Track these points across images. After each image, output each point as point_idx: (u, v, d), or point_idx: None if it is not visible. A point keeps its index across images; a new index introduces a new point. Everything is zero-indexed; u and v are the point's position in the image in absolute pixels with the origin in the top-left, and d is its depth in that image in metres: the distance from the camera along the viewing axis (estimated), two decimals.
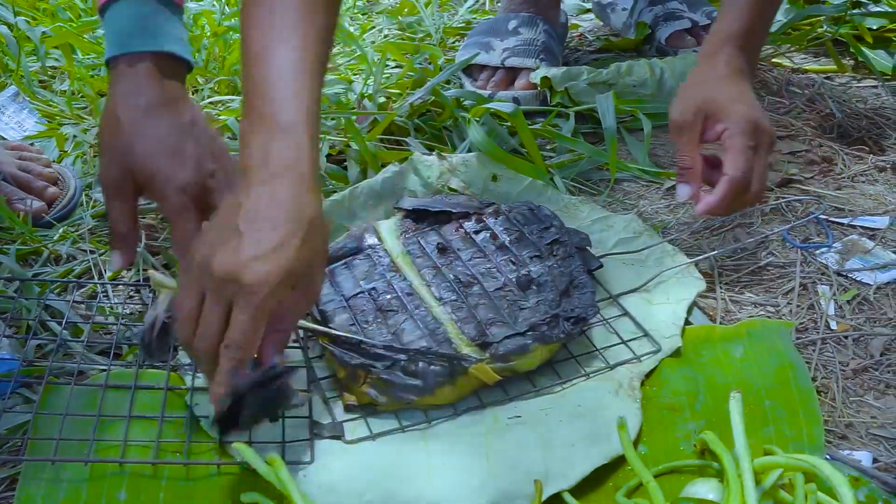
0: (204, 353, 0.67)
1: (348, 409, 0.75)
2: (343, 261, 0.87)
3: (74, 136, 1.20)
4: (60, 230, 1.01)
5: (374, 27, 1.59)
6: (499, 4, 1.56)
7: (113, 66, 0.80)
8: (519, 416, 0.75)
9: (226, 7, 1.47)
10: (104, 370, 0.80)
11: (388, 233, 0.90)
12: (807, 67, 1.40)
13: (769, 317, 0.88)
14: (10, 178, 1.05)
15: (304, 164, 0.67)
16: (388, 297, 0.82)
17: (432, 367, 0.75)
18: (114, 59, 0.80)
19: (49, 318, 0.87)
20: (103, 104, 0.77)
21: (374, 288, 0.83)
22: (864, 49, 1.36)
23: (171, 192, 0.77)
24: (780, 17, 1.43)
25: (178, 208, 0.77)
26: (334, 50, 1.49)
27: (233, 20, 1.42)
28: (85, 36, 1.42)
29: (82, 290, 0.92)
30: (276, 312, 0.67)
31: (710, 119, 0.91)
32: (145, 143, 0.77)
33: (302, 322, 0.79)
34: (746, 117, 0.89)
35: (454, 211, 0.91)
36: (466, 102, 1.21)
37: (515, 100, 1.24)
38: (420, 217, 0.91)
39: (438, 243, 0.87)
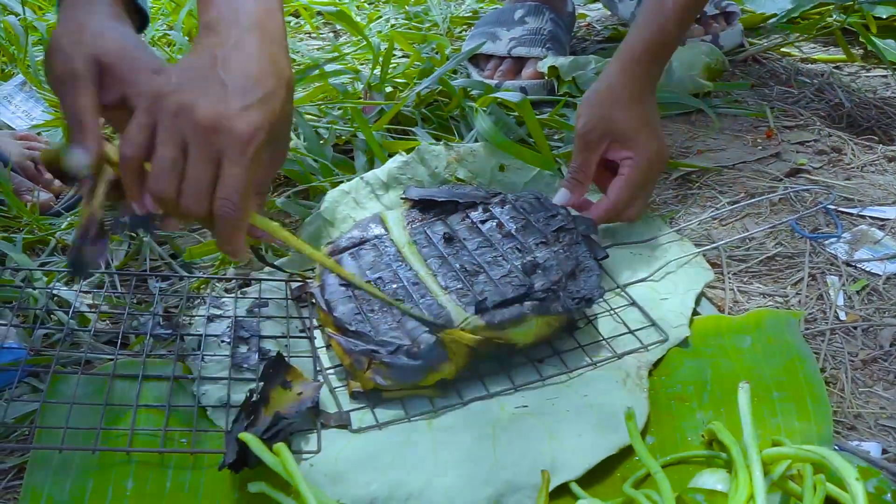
0: (195, 212, 0.64)
1: (354, 396, 0.75)
2: (349, 250, 0.87)
3: None
4: (68, 219, 1.01)
5: (380, 17, 1.58)
6: None
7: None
8: (526, 406, 0.75)
9: None
10: (111, 359, 0.80)
11: (394, 223, 0.90)
12: (816, 57, 1.39)
13: (778, 307, 0.88)
14: (18, 168, 1.05)
15: (275, 23, 0.67)
16: (394, 286, 0.82)
17: (429, 340, 0.75)
18: None
19: (56, 308, 0.87)
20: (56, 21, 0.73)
21: (380, 277, 0.83)
22: (873, 38, 1.35)
23: (146, 78, 0.70)
24: (789, 5, 1.42)
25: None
26: (341, 39, 1.49)
27: None
28: None
29: (89, 279, 0.91)
30: (258, 171, 0.65)
31: (615, 143, 0.92)
32: (116, 34, 0.72)
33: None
34: (649, 153, 0.92)
35: (460, 201, 0.91)
36: (474, 92, 1.21)
37: (522, 89, 1.24)
38: (426, 207, 0.91)
39: (445, 233, 0.87)
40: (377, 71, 1.25)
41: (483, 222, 0.88)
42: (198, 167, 0.64)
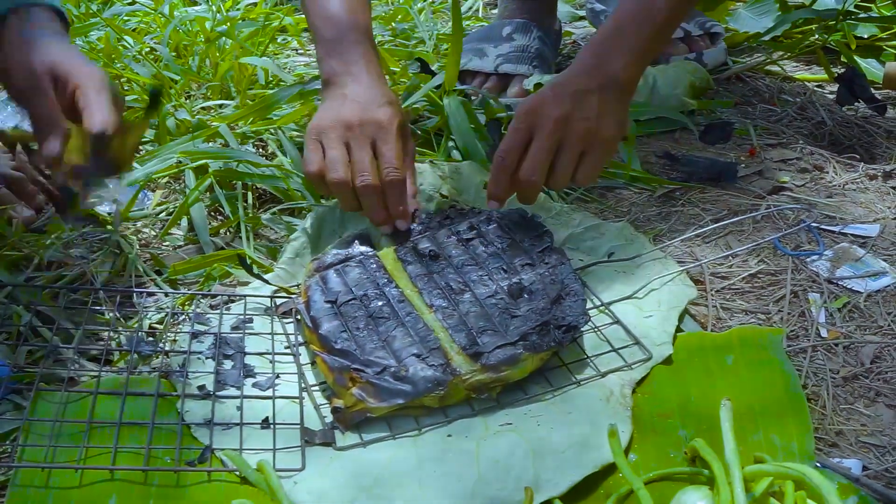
0: (371, 186, 0.88)
1: (336, 412, 0.75)
2: (335, 266, 0.87)
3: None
4: (53, 236, 1.00)
5: None
6: (493, 11, 1.57)
7: (4, 20, 0.87)
8: (510, 424, 0.75)
9: (218, 14, 1.47)
10: (95, 376, 0.79)
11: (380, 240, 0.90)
12: (798, 75, 1.41)
13: (760, 324, 0.88)
14: (2, 179, 1.05)
15: (377, 72, 0.95)
16: (380, 303, 0.82)
17: (422, 373, 0.75)
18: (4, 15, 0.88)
19: (40, 325, 0.87)
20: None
21: (365, 294, 0.83)
22: (855, 57, 1.36)
23: (98, 81, 0.85)
24: (772, 24, 1.44)
25: (97, 91, 0.85)
26: None
27: (224, 26, 1.42)
28: (76, 41, 1.42)
29: (73, 295, 0.91)
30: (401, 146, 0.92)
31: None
32: (62, 45, 0.88)
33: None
34: (550, 114, 0.88)
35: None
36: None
37: (508, 108, 1.24)
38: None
39: (430, 250, 0.87)
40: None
41: (469, 240, 0.89)
42: (360, 152, 0.89)
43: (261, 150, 1.15)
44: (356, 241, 0.90)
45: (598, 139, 0.89)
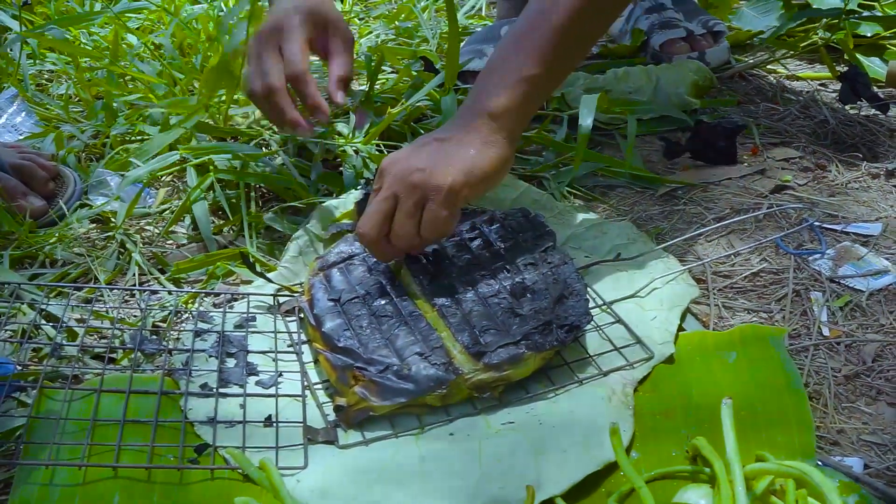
0: (252, 95, 0.96)
1: (339, 410, 0.76)
2: (338, 265, 0.87)
3: (73, 137, 1.20)
4: (57, 234, 1.01)
5: (371, 32, 1.59)
6: (494, 12, 1.57)
7: None
8: (512, 422, 0.75)
9: (221, 12, 1.47)
10: (99, 374, 0.80)
11: None
12: (801, 74, 1.41)
13: (762, 323, 0.88)
14: (10, 169, 1.05)
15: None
16: (383, 302, 0.82)
17: (424, 371, 0.75)
18: None
19: (44, 322, 0.87)
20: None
21: (368, 293, 0.83)
22: (858, 55, 1.36)
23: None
24: (775, 23, 1.43)
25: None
26: None
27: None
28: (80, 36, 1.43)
29: (77, 293, 0.92)
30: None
31: None
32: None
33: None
34: (389, 170, 0.83)
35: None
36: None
37: None
38: None
39: (434, 249, 0.88)
40: (364, 84, 1.26)
41: (472, 240, 0.89)
42: (262, 59, 0.96)
43: (264, 149, 1.15)
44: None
45: (429, 189, 0.81)
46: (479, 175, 0.83)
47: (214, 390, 0.78)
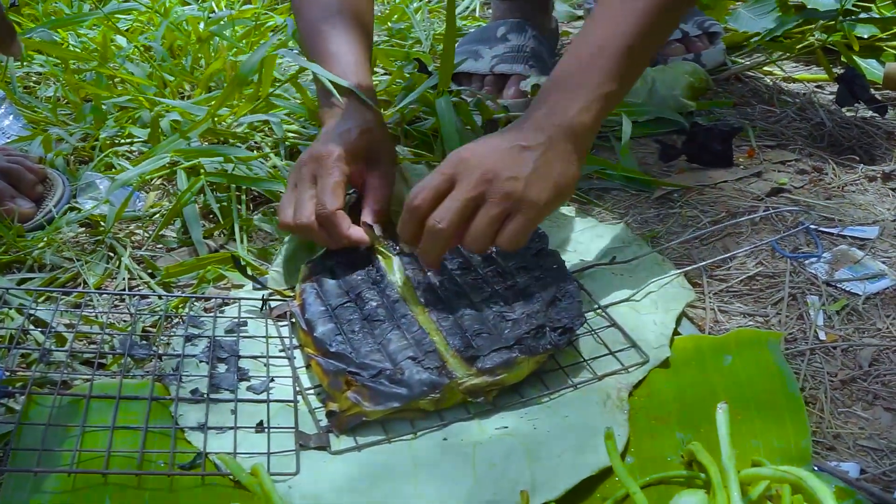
0: (301, 227, 0.88)
1: (331, 415, 0.75)
2: (329, 269, 0.87)
3: (62, 140, 1.19)
4: (45, 238, 1.00)
5: None
6: (490, 11, 1.56)
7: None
8: (506, 427, 0.75)
9: (210, 14, 1.47)
10: (88, 380, 0.79)
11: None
12: (798, 76, 1.40)
13: (758, 327, 0.88)
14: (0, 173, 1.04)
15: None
16: (374, 305, 0.82)
17: (417, 375, 0.75)
18: None
19: (32, 328, 0.86)
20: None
21: (360, 296, 0.83)
22: (854, 58, 1.36)
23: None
24: (772, 24, 1.43)
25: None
26: None
27: (217, 25, 1.42)
28: (69, 38, 1.42)
29: (66, 298, 0.91)
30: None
31: None
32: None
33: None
34: (478, 165, 0.80)
35: None
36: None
37: (506, 108, 1.24)
38: None
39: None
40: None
41: None
42: (299, 191, 0.90)
43: (255, 152, 1.14)
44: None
45: (523, 203, 0.78)
46: (564, 194, 0.82)
47: (205, 396, 0.77)
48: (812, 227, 1.01)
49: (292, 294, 0.89)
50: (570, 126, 0.81)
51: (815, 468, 0.71)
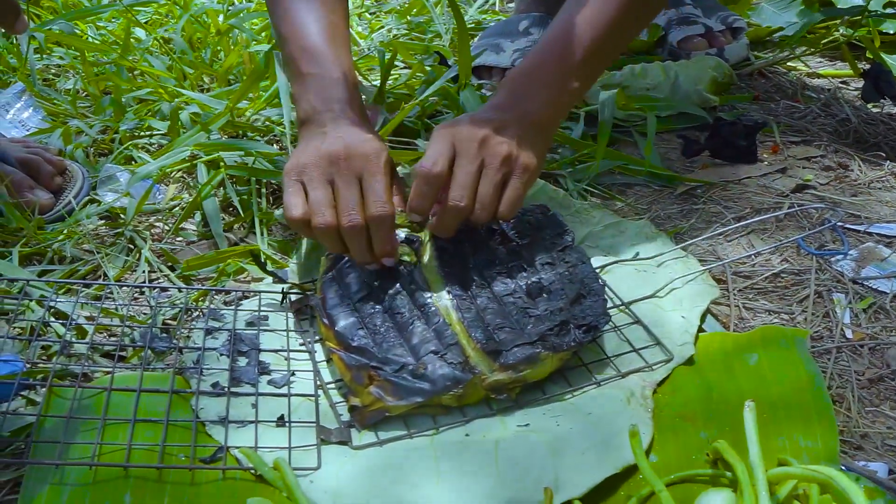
0: (355, 228, 0.81)
1: (354, 410, 0.74)
2: (350, 262, 0.86)
3: (81, 132, 1.19)
4: (65, 230, 1.00)
5: (382, 27, 1.58)
6: (511, 5, 1.55)
7: None
8: (528, 424, 0.74)
9: (229, 7, 1.46)
10: (109, 372, 0.79)
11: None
12: (822, 72, 1.39)
13: (783, 324, 0.87)
14: (17, 164, 1.04)
15: (360, 110, 0.88)
16: (396, 296, 0.81)
17: (441, 370, 0.74)
18: None
19: (53, 320, 0.86)
20: None
21: (381, 289, 0.82)
22: (881, 53, 1.34)
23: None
24: (795, 19, 1.41)
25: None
26: None
27: (236, 17, 1.41)
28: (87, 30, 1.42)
29: (87, 290, 0.91)
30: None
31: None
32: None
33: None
34: (471, 136, 0.81)
35: None
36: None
37: None
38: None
39: (449, 246, 0.86)
40: (377, 80, 1.24)
41: (490, 235, 0.87)
42: (347, 188, 0.81)
43: (275, 145, 1.14)
44: None
45: (519, 164, 0.81)
46: (538, 171, 0.85)
47: (226, 389, 0.77)
48: (838, 224, 0.99)
49: (313, 288, 0.88)
50: (536, 119, 0.85)
51: (843, 468, 0.70)
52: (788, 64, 1.40)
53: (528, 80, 0.86)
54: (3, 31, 0.82)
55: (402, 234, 0.86)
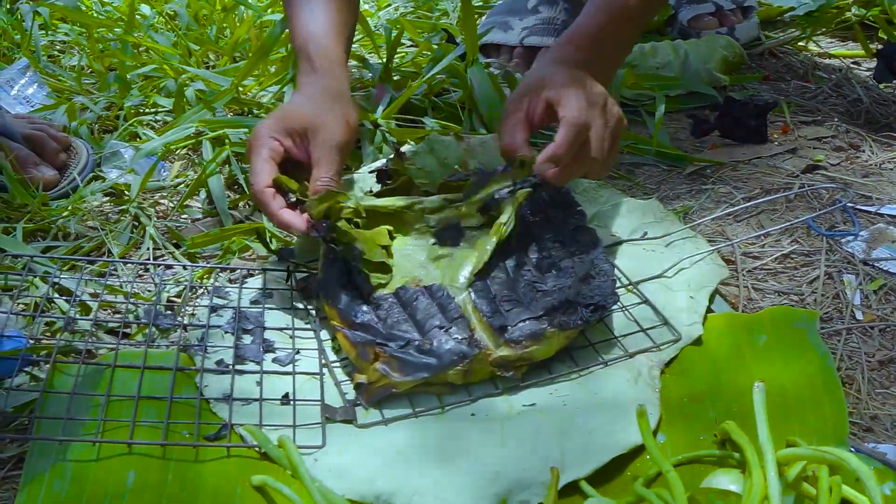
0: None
1: (359, 387, 0.74)
2: None
3: (86, 109, 1.18)
4: (69, 207, 0.99)
5: (389, 5, 1.56)
6: None
7: None
8: (534, 404, 0.73)
9: None
10: (113, 349, 0.78)
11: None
12: (834, 52, 1.37)
13: (793, 305, 0.86)
14: (22, 140, 1.04)
15: (346, 92, 0.92)
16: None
17: (447, 345, 0.73)
18: None
19: (57, 296, 0.85)
20: None
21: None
22: (894, 32, 1.32)
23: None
24: (808, 1, 1.40)
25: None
26: None
27: None
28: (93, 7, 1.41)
29: (91, 267, 0.90)
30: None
31: (548, 105, 0.84)
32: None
33: None
34: (601, 94, 0.85)
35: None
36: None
37: None
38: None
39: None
40: (383, 58, 1.23)
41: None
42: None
43: None
44: None
45: (623, 125, 0.86)
46: None
47: (231, 367, 0.77)
48: (849, 204, 0.98)
49: (317, 267, 0.87)
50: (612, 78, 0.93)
51: (853, 450, 0.69)
52: (799, 44, 1.38)
53: (609, 40, 0.90)
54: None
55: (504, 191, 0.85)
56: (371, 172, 0.94)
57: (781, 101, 1.21)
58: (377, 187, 0.93)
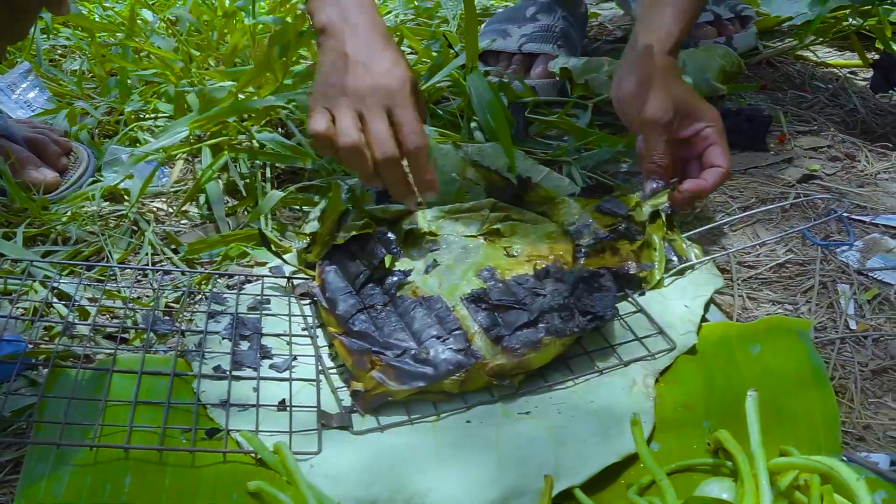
0: (391, 160, 0.82)
1: (356, 395, 0.74)
2: (349, 246, 0.86)
3: (86, 113, 1.19)
4: (69, 211, 1.00)
5: (389, 12, 1.57)
6: None
7: None
8: (529, 412, 0.74)
9: None
10: (111, 354, 0.79)
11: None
12: (831, 61, 1.38)
13: (787, 315, 0.86)
14: (24, 142, 1.04)
15: (377, 22, 0.87)
16: (395, 280, 0.80)
17: (443, 355, 0.74)
18: None
19: (56, 301, 0.86)
20: None
21: (380, 274, 0.81)
22: (891, 44, 1.33)
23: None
24: (805, 9, 1.40)
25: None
26: None
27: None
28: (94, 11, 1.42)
29: (90, 272, 0.91)
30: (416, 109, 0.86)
31: (685, 119, 0.92)
32: None
33: None
34: (715, 112, 0.93)
35: None
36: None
37: (533, 89, 1.22)
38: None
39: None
40: None
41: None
42: (376, 122, 0.82)
43: (279, 129, 1.13)
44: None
45: None
46: None
47: (228, 373, 0.77)
48: (844, 214, 0.99)
49: (315, 273, 0.88)
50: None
51: (845, 458, 0.70)
52: (797, 53, 1.39)
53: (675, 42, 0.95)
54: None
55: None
56: None
57: (778, 112, 1.22)
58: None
